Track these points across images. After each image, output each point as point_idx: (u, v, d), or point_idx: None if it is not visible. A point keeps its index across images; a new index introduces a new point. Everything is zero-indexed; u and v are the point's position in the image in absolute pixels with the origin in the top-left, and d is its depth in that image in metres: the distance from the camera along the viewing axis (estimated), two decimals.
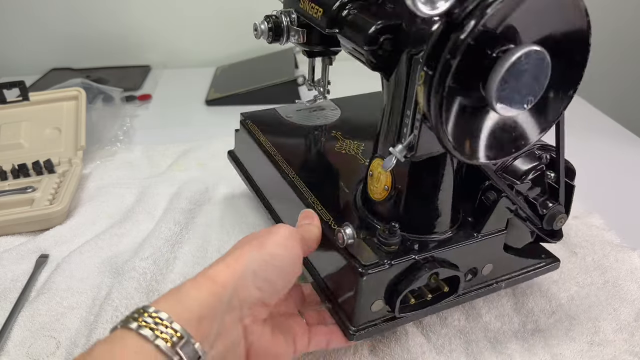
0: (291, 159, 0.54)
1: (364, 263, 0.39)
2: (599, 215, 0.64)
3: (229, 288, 0.32)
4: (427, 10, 0.31)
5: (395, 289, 0.40)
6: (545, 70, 0.32)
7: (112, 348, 0.28)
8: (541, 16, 0.32)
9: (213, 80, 1.10)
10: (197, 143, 0.82)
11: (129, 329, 0.28)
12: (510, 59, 0.30)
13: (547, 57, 0.32)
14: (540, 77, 0.33)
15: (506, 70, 0.31)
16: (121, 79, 1.08)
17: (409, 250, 0.41)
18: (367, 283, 0.39)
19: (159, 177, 0.74)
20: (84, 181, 0.72)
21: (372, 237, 0.41)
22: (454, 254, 0.42)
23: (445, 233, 0.43)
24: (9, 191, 0.66)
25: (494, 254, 0.45)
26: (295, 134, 0.60)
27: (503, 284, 0.47)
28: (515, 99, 0.32)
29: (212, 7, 1.15)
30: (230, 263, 0.33)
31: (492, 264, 0.45)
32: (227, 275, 0.33)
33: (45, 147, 0.74)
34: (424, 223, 0.43)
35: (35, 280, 0.54)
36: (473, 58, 0.31)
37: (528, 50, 0.31)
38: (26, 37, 1.15)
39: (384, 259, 0.39)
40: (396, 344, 0.46)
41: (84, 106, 0.77)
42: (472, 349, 0.46)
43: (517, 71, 0.31)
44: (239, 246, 0.36)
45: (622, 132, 0.88)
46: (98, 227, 0.63)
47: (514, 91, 0.32)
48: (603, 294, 0.51)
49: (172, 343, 0.28)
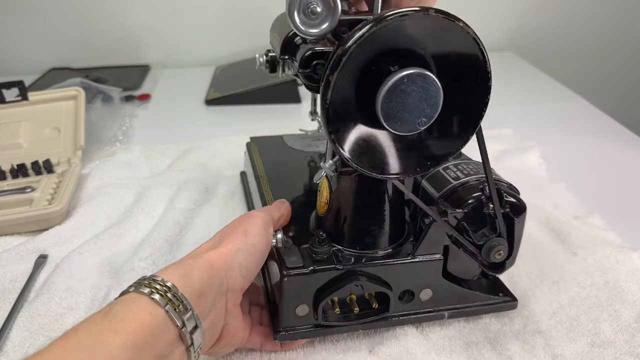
0: (274, 176, 0.57)
1: (287, 265, 0.41)
2: (599, 215, 0.63)
3: (222, 273, 0.36)
4: (306, 29, 0.35)
5: (319, 296, 0.42)
6: (434, 93, 0.34)
7: (128, 307, 0.30)
8: (433, 42, 0.34)
9: (213, 80, 1.09)
10: (197, 143, 0.82)
11: (142, 293, 0.31)
12: (391, 80, 0.33)
13: (435, 81, 0.34)
14: (429, 100, 0.35)
15: (387, 90, 0.33)
16: (120, 79, 1.08)
17: (337, 261, 0.43)
18: (288, 284, 0.41)
19: (159, 177, 0.73)
20: (83, 181, 0.72)
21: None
22: (385, 272, 0.43)
23: (381, 251, 0.44)
24: (8, 191, 0.66)
25: (432, 279, 0.45)
26: (289, 157, 0.63)
27: (446, 313, 0.47)
28: (405, 119, 0.35)
29: (212, 7, 1.15)
30: (222, 252, 0.37)
31: (432, 290, 0.45)
32: (221, 262, 0.36)
33: (44, 147, 0.74)
34: (358, 238, 0.44)
35: (35, 281, 0.54)
36: (358, 77, 0.34)
37: (410, 73, 0.33)
38: (25, 37, 1.15)
39: (309, 265, 0.41)
40: (396, 344, 0.46)
41: (83, 106, 0.77)
42: (472, 350, 0.46)
43: (400, 91, 0.33)
44: (227, 234, 0.39)
45: (623, 132, 0.88)
46: (97, 227, 0.63)
47: (402, 110, 0.34)
48: (604, 294, 0.51)
49: (179, 311, 0.31)
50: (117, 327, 0.28)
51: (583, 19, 1.28)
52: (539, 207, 0.65)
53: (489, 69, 0.35)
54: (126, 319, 0.29)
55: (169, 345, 0.31)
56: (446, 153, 0.38)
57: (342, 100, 0.35)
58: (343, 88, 0.34)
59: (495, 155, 0.78)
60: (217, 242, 0.39)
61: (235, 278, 0.37)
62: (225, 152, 0.79)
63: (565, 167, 0.76)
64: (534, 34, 1.29)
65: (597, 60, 1.34)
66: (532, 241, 0.58)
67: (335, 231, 0.45)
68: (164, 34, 1.18)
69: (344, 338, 0.47)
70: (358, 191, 0.43)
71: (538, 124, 0.90)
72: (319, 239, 0.43)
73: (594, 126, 0.90)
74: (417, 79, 0.33)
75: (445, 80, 0.35)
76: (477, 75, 0.35)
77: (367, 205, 0.43)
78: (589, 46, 1.32)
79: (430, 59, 0.35)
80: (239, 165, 0.74)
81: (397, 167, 0.38)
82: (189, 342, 0.32)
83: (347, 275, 0.42)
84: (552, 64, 1.26)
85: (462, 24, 0.33)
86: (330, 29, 0.35)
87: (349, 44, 0.32)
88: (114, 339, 0.28)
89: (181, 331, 0.31)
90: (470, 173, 0.45)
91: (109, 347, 0.27)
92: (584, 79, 1.33)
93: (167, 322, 0.31)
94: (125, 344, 0.28)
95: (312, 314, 0.43)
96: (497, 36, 1.28)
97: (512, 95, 1.04)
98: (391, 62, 0.34)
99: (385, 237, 0.44)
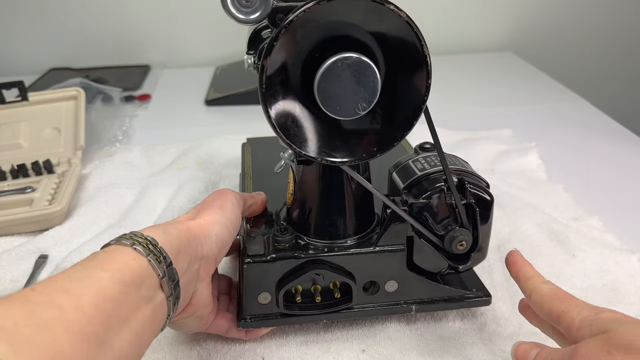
0: (259, 174, 0.57)
1: (249, 253, 0.42)
2: (598, 217, 0.63)
3: (199, 239, 0.37)
4: (240, 15, 0.35)
5: (280, 284, 0.43)
6: (371, 78, 0.35)
7: (112, 255, 0.31)
8: (369, 26, 0.34)
9: (213, 80, 1.10)
10: (197, 143, 0.82)
11: (124, 244, 0.32)
12: (325, 65, 0.34)
13: (370, 65, 0.34)
14: (367, 84, 0.35)
15: (322, 75, 0.34)
16: (120, 79, 1.08)
17: (299, 250, 0.43)
18: (249, 271, 0.42)
19: (158, 177, 0.74)
20: (83, 181, 0.72)
21: None
22: (348, 262, 0.44)
23: (345, 241, 0.45)
24: (8, 191, 0.66)
25: (396, 271, 0.45)
26: (276, 156, 0.62)
27: (414, 306, 0.46)
28: (343, 103, 0.35)
29: (212, 7, 1.15)
30: (200, 222, 0.39)
31: (397, 282, 0.45)
32: (198, 229, 0.38)
33: (44, 147, 0.74)
34: (321, 228, 0.45)
35: (35, 281, 0.54)
36: (297, 63, 0.35)
37: (343, 57, 0.34)
38: (25, 37, 1.15)
39: (269, 254, 0.42)
40: (390, 344, 0.46)
41: (83, 106, 0.77)
42: (467, 351, 0.46)
43: (335, 76, 0.34)
44: (204, 208, 0.41)
45: (623, 133, 0.87)
46: (97, 227, 0.63)
47: (340, 95, 0.35)
48: (602, 297, 0.51)
49: (160, 261, 0.32)
50: (104, 266, 0.29)
51: (583, 19, 1.28)
52: (538, 208, 0.65)
53: (426, 52, 0.35)
54: (112, 260, 0.30)
55: (152, 290, 0.31)
56: (392, 138, 0.38)
57: (281, 85, 0.35)
58: (281, 73, 0.35)
59: (494, 156, 0.78)
60: (194, 214, 0.40)
61: (210, 247, 0.38)
62: (225, 151, 0.80)
63: (564, 168, 0.76)
64: (534, 34, 1.29)
65: (597, 60, 1.34)
66: (530, 242, 0.58)
67: (301, 222, 0.45)
68: (164, 34, 1.18)
69: (337, 338, 0.47)
70: (320, 181, 0.43)
71: (538, 125, 0.90)
72: (281, 228, 0.43)
73: (594, 127, 0.89)
74: (353, 64, 0.34)
75: (385, 65, 0.35)
76: (416, 60, 0.36)
77: (329, 195, 0.44)
78: (588, 46, 1.32)
79: (372, 44, 0.35)
80: (239, 164, 0.74)
81: (343, 154, 0.38)
82: (169, 291, 0.33)
83: (308, 264, 0.43)
84: (552, 64, 1.26)
85: (393, 7, 0.33)
86: (264, 16, 0.35)
87: (278, 29, 0.33)
88: (103, 274, 0.29)
89: (162, 280, 0.32)
90: (437, 164, 0.45)
91: (98, 280, 0.28)
92: (584, 79, 1.33)
93: (150, 270, 0.31)
94: (114, 278, 0.29)
95: (275, 302, 0.43)
96: (497, 36, 1.28)
97: (511, 95, 1.04)
98: (328, 47, 0.34)
99: (349, 227, 0.45)
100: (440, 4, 1.21)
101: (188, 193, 0.67)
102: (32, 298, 0.26)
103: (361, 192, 0.45)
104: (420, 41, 0.35)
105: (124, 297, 0.29)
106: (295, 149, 0.37)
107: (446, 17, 1.24)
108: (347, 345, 0.46)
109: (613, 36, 1.32)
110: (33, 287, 0.27)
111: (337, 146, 0.38)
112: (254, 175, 0.57)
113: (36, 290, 0.26)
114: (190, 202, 0.66)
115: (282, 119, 0.36)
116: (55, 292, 0.27)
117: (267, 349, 0.46)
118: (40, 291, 0.26)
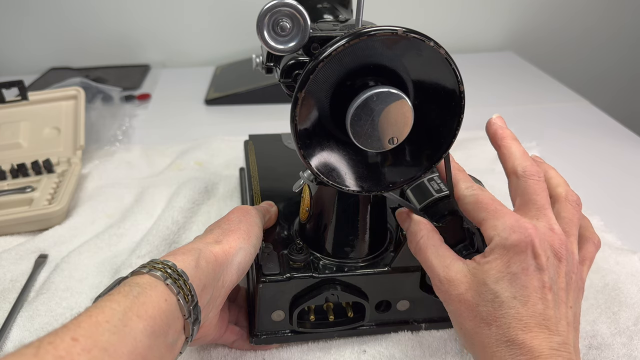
0: (265, 176, 0.57)
1: (264, 272, 0.42)
2: (599, 216, 0.63)
3: (222, 267, 0.36)
4: (276, 45, 0.35)
5: (295, 303, 0.43)
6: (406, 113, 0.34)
7: (146, 291, 0.30)
8: (406, 61, 0.34)
9: (213, 80, 1.09)
10: (197, 142, 0.82)
11: (157, 277, 0.31)
12: (360, 98, 0.33)
13: (407, 101, 0.33)
14: (400, 119, 0.34)
15: (357, 108, 0.33)
16: (120, 79, 1.08)
17: (314, 269, 0.43)
18: (264, 290, 0.42)
19: (158, 176, 0.73)
20: (82, 181, 0.72)
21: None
22: (362, 282, 0.43)
23: (360, 260, 0.44)
24: (8, 191, 0.66)
25: (410, 291, 0.45)
26: (284, 157, 0.62)
27: (423, 325, 0.47)
28: (375, 136, 0.34)
29: (212, 7, 1.15)
30: (226, 248, 0.37)
31: (409, 302, 0.45)
32: (223, 258, 0.37)
33: (44, 147, 0.74)
34: (336, 247, 0.44)
35: (34, 281, 0.54)
36: (330, 94, 0.34)
37: (380, 92, 0.33)
38: (25, 37, 1.15)
39: (285, 273, 0.42)
40: (392, 346, 0.46)
41: (83, 106, 0.77)
42: (467, 353, 0.46)
43: (369, 110, 0.33)
44: (230, 229, 0.39)
45: (623, 132, 0.87)
46: (97, 227, 0.63)
47: (372, 128, 0.34)
48: (602, 296, 0.51)
49: (187, 301, 0.31)
50: (139, 311, 0.28)
51: (583, 19, 1.28)
52: None
53: (462, 88, 0.35)
54: (146, 303, 0.29)
55: (176, 334, 0.31)
56: (418, 172, 0.38)
57: (313, 116, 0.35)
58: (314, 104, 0.34)
59: (494, 156, 0.78)
60: (220, 236, 0.39)
61: (231, 275, 0.38)
62: (224, 151, 0.80)
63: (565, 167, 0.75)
64: (534, 33, 1.29)
65: (598, 59, 1.34)
66: None
67: (315, 239, 0.45)
68: (164, 34, 1.18)
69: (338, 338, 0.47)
70: (337, 201, 0.43)
71: (538, 124, 0.90)
72: (297, 247, 0.43)
73: (594, 126, 0.89)
74: (387, 98, 0.33)
75: (418, 100, 0.35)
76: (451, 96, 0.35)
77: (345, 215, 0.43)
78: (589, 46, 1.32)
79: (406, 78, 0.35)
80: (239, 165, 0.74)
81: (367, 184, 0.37)
82: (190, 332, 0.32)
83: (322, 284, 0.43)
84: (553, 64, 1.26)
85: (433, 44, 0.33)
86: (300, 46, 0.35)
87: (316, 62, 0.32)
88: (138, 324, 0.28)
89: (186, 321, 0.31)
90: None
91: (133, 332, 0.27)
92: (585, 78, 1.33)
93: (177, 311, 0.31)
94: (147, 330, 0.28)
95: (288, 319, 0.43)
96: (497, 36, 1.28)
97: (511, 95, 1.04)
98: (364, 80, 0.34)
99: (364, 247, 0.44)
100: (441, 4, 1.21)
101: (188, 193, 0.67)
102: (74, 351, 0.25)
103: (377, 211, 0.44)
104: (458, 78, 0.34)
105: (152, 353, 0.28)
106: (321, 179, 0.36)
107: (446, 17, 1.23)
108: (349, 346, 0.46)
109: (613, 36, 1.32)
110: (75, 336, 0.26)
111: (361, 177, 0.37)
112: (261, 179, 0.57)
113: (79, 343, 0.25)
114: (190, 202, 0.66)
115: (310, 149, 0.36)
116: (97, 349, 0.26)
117: (268, 349, 0.46)
118: (83, 347, 0.25)
